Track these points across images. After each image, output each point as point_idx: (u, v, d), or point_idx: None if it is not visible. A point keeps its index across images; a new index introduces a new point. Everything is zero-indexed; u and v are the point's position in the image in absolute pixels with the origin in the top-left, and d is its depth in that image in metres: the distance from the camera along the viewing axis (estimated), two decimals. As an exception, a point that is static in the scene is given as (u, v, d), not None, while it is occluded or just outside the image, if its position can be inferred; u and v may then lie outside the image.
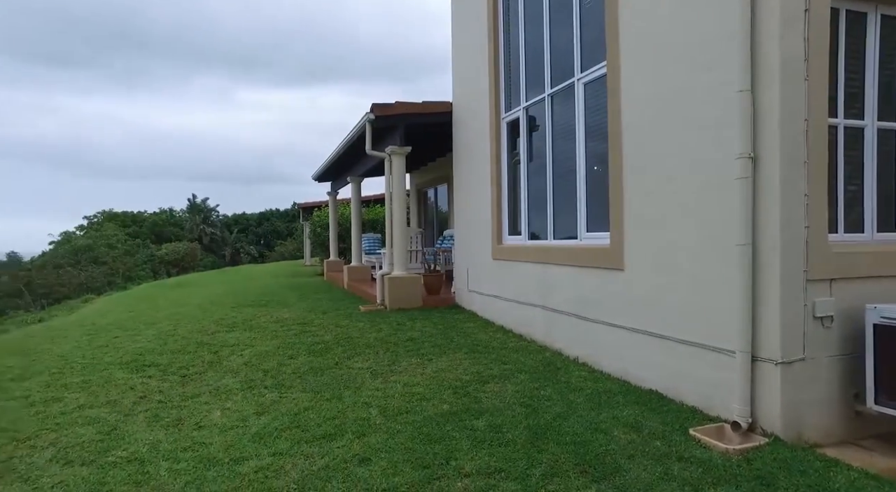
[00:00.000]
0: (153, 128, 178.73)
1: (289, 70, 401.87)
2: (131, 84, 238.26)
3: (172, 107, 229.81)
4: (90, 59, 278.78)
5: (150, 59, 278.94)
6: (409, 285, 8.43)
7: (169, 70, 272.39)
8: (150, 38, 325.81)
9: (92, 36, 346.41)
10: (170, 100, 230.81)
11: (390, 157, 8.61)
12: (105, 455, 3.28)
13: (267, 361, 5.37)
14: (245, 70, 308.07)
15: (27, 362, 5.52)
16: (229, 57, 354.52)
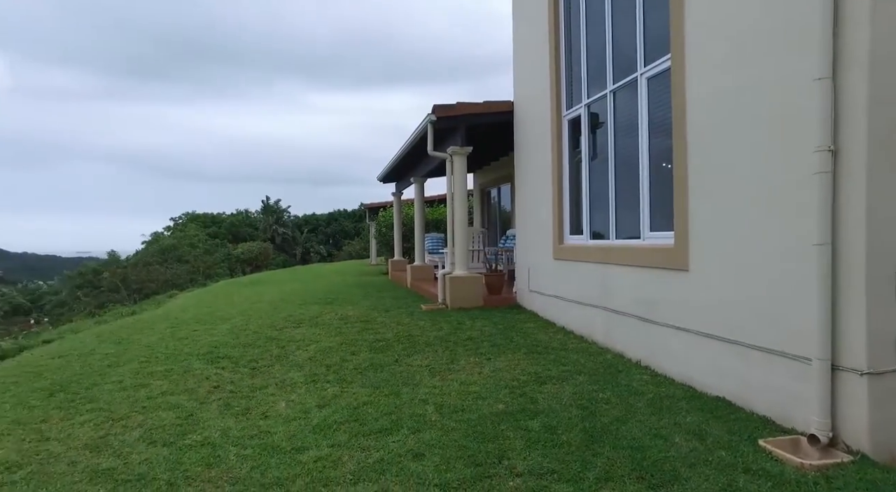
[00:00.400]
0: (233, 134, 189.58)
1: (360, 74, 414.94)
2: (217, 93, 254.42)
3: (251, 113, 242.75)
4: (183, 72, 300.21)
5: (235, 69, 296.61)
6: (469, 285, 8.46)
7: (250, 79, 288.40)
8: (235, 50, 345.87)
9: (186, 50, 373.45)
10: (250, 106, 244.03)
11: (452, 157, 8.68)
12: (182, 438, 3.53)
13: (330, 356, 5.57)
14: (318, 75, 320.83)
15: (121, 351, 6.02)
16: (304, 63, 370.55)
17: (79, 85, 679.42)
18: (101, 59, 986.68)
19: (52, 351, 6.13)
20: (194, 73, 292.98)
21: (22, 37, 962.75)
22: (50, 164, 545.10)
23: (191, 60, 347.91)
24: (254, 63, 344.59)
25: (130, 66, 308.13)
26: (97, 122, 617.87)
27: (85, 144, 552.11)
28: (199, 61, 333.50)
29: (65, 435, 3.62)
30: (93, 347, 6.26)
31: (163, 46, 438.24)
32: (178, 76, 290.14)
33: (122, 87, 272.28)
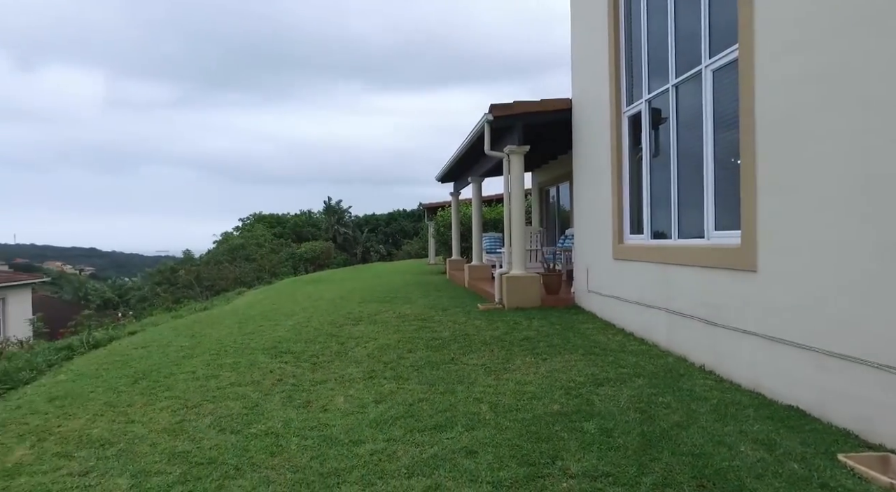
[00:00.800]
0: (297, 137, 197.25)
1: (419, 74, 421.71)
2: (281, 99, 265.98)
3: (314, 116, 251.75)
4: (251, 80, 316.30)
5: (298, 74, 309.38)
6: (527, 285, 8.40)
7: (313, 83, 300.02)
8: (299, 56, 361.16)
9: (254, 59, 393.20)
10: (312, 110, 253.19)
11: (509, 156, 8.64)
12: (249, 427, 3.72)
13: (388, 353, 5.69)
14: (378, 77, 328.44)
15: (194, 344, 6.41)
16: (364, 66, 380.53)
17: (160, 96, 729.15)
18: (180, 71, 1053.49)
19: (136, 342, 6.61)
20: (261, 81, 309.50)
21: (115, 53, 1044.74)
22: (135, 169, 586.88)
23: (258, 68, 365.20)
24: (316, 67, 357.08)
25: (205, 77, 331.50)
26: (176, 129, 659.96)
27: (164, 151, 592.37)
28: (266, 69, 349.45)
29: (147, 419, 3.90)
30: (170, 339, 6.69)
31: (233, 56, 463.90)
32: (246, 84, 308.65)
33: (197, 96, 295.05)
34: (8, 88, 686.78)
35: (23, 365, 5.35)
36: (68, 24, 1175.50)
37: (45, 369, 5.48)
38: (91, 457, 3.30)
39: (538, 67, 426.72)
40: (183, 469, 3.10)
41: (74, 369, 5.38)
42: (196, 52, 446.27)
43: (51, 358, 5.76)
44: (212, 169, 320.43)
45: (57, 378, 5.06)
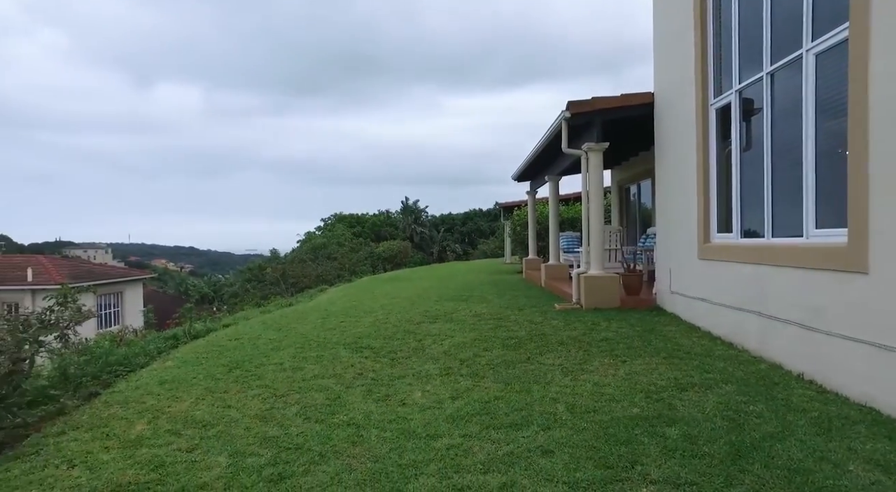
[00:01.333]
0: (375, 139, 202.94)
1: (494, 75, 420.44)
2: (360, 102, 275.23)
3: (391, 118, 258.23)
4: (331, 85, 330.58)
5: (379, 78, 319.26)
6: (605, 285, 8.18)
7: (390, 85, 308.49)
8: (377, 60, 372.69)
9: (334, 65, 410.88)
10: (390, 112, 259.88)
11: (587, 154, 8.45)
12: (332, 417, 3.90)
13: (464, 351, 5.75)
14: (454, 77, 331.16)
15: (281, 337, 6.80)
16: (439, 66, 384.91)
17: (251, 104, 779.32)
18: (268, 80, 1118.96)
19: (230, 334, 7.11)
20: (342, 85, 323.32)
21: (212, 67, 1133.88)
22: (228, 174, 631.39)
23: (339, 73, 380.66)
24: (392, 70, 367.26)
25: (290, 84, 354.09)
26: (265, 135, 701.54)
27: (255, 156, 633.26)
28: (346, 73, 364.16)
29: (241, 405, 4.20)
30: (259, 332, 7.14)
31: (316, 64, 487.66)
32: (328, 89, 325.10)
33: (284, 102, 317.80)
34: (127, 104, 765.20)
35: (139, 351, 5.93)
36: (174, 42, 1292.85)
37: (156, 355, 6.05)
38: (196, 436, 3.61)
39: (619, 61, 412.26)
40: (273, 453, 3.32)
41: (179, 356, 5.89)
42: (283, 62, 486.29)
43: (160, 346, 6.34)
44: (297, 172, 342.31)
45: (165, 364, 5.57)
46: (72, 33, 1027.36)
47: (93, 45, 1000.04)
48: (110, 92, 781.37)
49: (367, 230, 44.78)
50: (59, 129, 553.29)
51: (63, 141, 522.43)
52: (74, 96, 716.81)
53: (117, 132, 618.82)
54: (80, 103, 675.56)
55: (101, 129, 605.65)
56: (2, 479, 3.16)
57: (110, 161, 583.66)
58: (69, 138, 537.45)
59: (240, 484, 2.94)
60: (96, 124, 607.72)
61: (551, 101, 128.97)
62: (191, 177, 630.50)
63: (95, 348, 5.79)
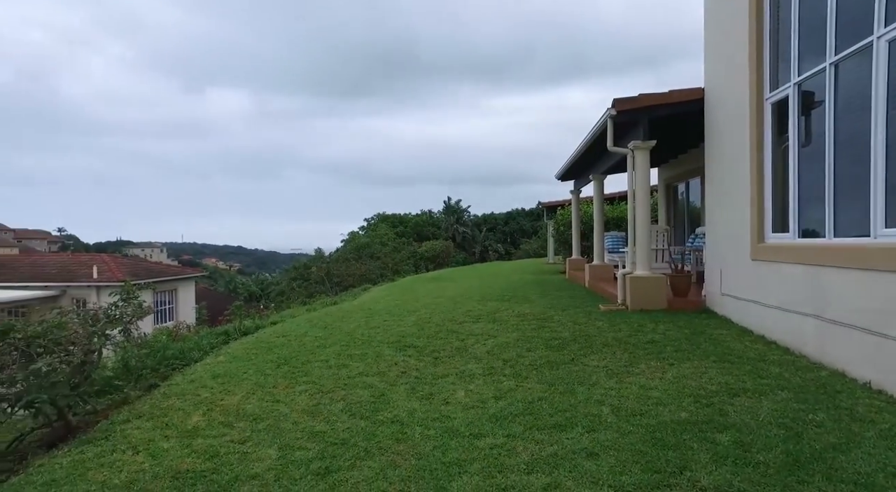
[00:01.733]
0: (417, 139, 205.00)
1: (538, 72, 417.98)
2: (403, 103, 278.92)
3: (433, 119, 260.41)
4: (375, 87, 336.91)
5: (420, 78, 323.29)
6: (652, 286, 7.99)
7: (431, 86, 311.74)
8: (419, 61, 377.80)
9: (377, 67, 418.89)
10: (431, 113, 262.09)
11: (633, 152, 8.27)
12: (376, 414, 3.97)
13: (507, 351, 5.74)
14: (497, 77, 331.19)
15: (327, 335, 6.95)
16: (483, 67, 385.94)
17: (297, 106, 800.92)
18: (313, 83, 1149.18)
19: (278, 331, 7.33)
20: (384, 87, 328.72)
21: (261, 70, 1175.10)
22: (275, 175, 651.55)
23: (382, 75, 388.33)
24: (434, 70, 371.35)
25: (334, 86, 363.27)
26: (309, 137, 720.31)
27: (300, 157, 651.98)
28: (389, 75, 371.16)
29: (289, 400, 4.33)
30: (306, 330, 7.32)
31: (358, 66, 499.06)
32: (371, 91, 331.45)
33: (327, 104, 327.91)
34: (178, 108, 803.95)
35: (193, 346, 6.20)
36: (223, 47, 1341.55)
37: (208, 350, 6.31)
38: (247, 428, 3.74)
39: (664, 57, 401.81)
40: (321, 447, 3.41)
41: (230, 352, 6.12)
42: (327, 65, 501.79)
43: (213, 342, 6.61)
44: (341, 172, 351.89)
45: (217, 359, 5.79)
46: (135, 43, 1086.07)
47: (153, 53, 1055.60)
48: (167, 97, 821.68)
49: (409, 230, 45.21)
50: (120, 134, 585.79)
51: (124, 145, 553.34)
52: (136, 103, 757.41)
53: (173, 136, 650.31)
54: (140, 109, 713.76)
55: (159, 133, 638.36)
56: (78, 461, 3.38)
57: (166, 164, 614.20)
58: (130, 143, 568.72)
59: (289, 476, 3.04)
60: (154, 129, 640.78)
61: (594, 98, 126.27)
62: (240, 178, 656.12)
63: (154, 343, 6.09)
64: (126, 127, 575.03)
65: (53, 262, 25.83)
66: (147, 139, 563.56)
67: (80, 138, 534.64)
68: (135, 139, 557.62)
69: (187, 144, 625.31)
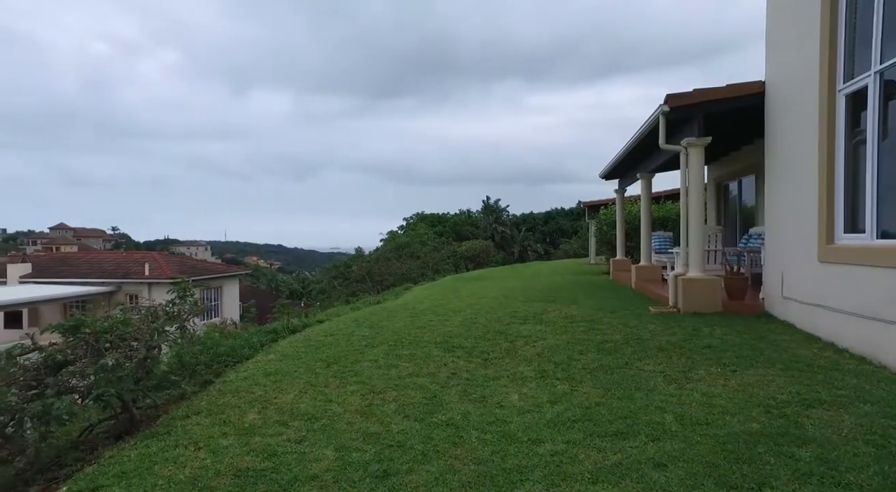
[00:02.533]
0: (455, 138, 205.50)
1: (576, 71, 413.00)
2: (441, 102, 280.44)
3: (471, 118, 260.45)
4: (413, 87, 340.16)
5: (458, 78, 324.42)
6: (706, 288, 7.68)
7: (472, 86, 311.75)
8: (457, 60, 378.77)
9: (416, 67, 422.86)
10: (471, 112, 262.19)
11: (686, 149, 7.98)
12: (430, 416, 3.92)
13: (557, 354, 5.60)
14: (535, 76, 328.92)
15: (374, 334, 6.96)
16: (521, 66, 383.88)
17: (338, 108, 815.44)
18: (354, 84, 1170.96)
19: (325, 330, 7.39)
20: (424, 86, 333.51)
21: (302, 73, 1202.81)
22: (314, 175, 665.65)
23: (421, 75, 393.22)
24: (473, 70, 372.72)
25: (373, 87, 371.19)
26: (349, 138, 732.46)
27: (339, 157, 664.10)
28: (428, 75, 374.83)
29: (342, 400, 4.32)
30: (352, 329, 7.35)
31: (400, 66, 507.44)
32: (410, 91, 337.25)
33: (367, 105, 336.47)
34: (225, 111, 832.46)
35: (243, 343, 6.29)
36: (266, 51, 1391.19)
37: (258, 348, 6.39)
38: (302, 428, 3.75)
39: (709, 52, 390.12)
40: (377, 449, 3.37)
41: (280, 350, 6.19)
42: (367, 66, 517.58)
43: (262, 339, 6.69)
44: (378, 172, 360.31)
45: (268, 357, 5.87)
46: (183, 50, 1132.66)
47: (199, 59, 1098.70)
48: (212, 101, 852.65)
49: (448, 230, 45.23)
50: (168, 137, 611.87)
51: (170, 148, 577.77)
52: (182, 107, 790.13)
53: (217, 138, 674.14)
54: (185, 113, 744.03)
55: (204, 135, 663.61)
56: (144, 454, 3.45)
57: (210, 165, 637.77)
58: (176, 146, 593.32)
59: (348, 478, 3.01)
60: (199, 132, 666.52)
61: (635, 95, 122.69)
62: (280, 178, 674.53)
63: (206, 339, 6.21)
64: (173, 130, 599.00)
65: (109, 259, 27.01)
66: (192, 142, 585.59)
67: (131, 142, 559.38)
68: (181, 142, 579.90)
69: (230, 146, 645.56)
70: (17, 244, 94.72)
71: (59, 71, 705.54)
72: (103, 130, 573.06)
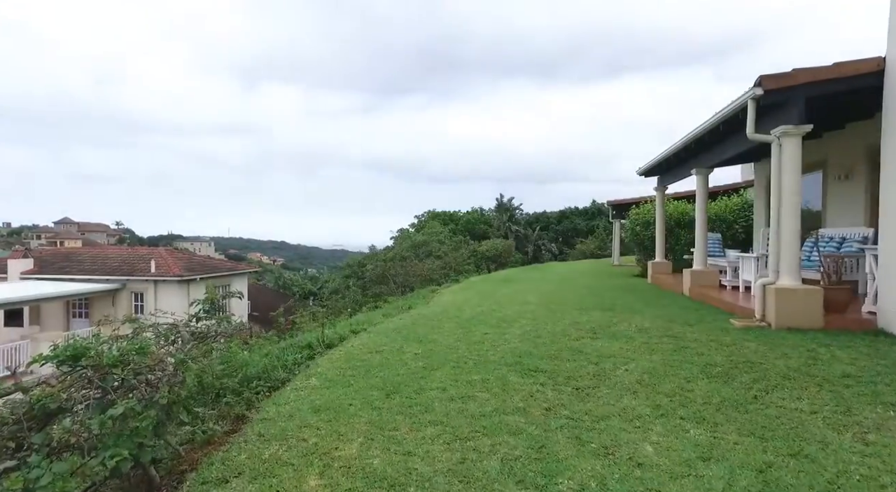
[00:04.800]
0: (467, 136, 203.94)
1: (590, 70, 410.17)
2: (450, 100, 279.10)
3: (480, 117, 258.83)
4: (421, 85, 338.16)
5: (467, 76, 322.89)
6: (805, 300, 6.65)
7: (481, 84, 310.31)
8: (466, 58, 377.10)
9: (423, 65, 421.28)
10: (481, 110, 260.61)
11: (779, 139, 6.93)
12: (553, 481, 2.90)
13: (662, 381, 4.59)
14: (545, 75, 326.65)
15: (427, 351, 5.89)
16: (534, 64, 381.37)
17: (346, 105, 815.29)
18: (362, 81, 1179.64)
19: (366, 345, 6.36)
20: (430, 85, 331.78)
21: (310, 70, 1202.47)
22: (321, 171, 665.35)
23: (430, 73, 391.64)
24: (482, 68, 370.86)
25: (382, 84, 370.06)
26: (357, 135, 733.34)
27: (346, 154, 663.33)
28: (437, 72, 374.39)
29: (423, 451, 3.30)
30: (399, 344, 6.33)
31: (408, 64, 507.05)
32: (419, 88, 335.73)
33: (374, 102, 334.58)
34: (232, 107, 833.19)
35: (275, 363, 5.26)
36: (278, 48, 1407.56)
37: (293, 368, 5.37)
38: (389, 505, 2.73)
39: (725, 48, 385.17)
40: (505, 544, 2.36)
41: (322, 372, 5.14)
42: (376, 63, 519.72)
43: (296, 357, 5.66)
44: (384, 169, 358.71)
45: (309, 381, 4.84)
46: (192, 47, 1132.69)
47: (207, 55, 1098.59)
48: (221, 98, 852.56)
49: (461, 228, 44.06)
50: (172, 133, 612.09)
51: (176, 144, 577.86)
52: (190, 103, 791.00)
53: (224, 134, 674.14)
54: (192, 109, 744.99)
55: (211, 131, 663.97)
56: None
57: (215, 161, 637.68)
58: (181, 141, 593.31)
59: None
60: (206, 128, 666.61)
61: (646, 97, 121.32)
62: (286, 174, 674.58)
63: (230, 357, 5.20)
64: (178, 126, 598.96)
65: (114, 255, 25.97)
66: (199, 137, 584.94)
67: (136, 137, 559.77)
68: (186, 137, 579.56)
69: (237, 142, 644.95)
70: (22, 238, 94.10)
71: (66, 64, 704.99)
72: (109, 124, 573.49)
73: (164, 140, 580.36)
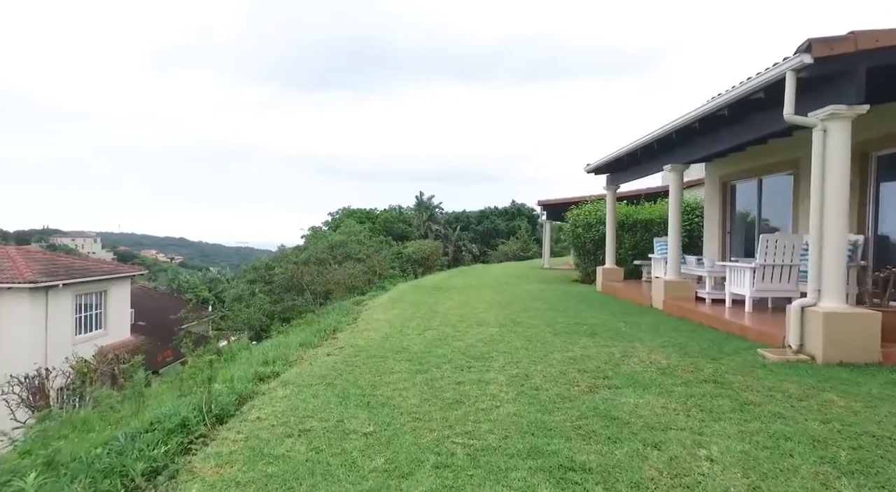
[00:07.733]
0: (388, 134, 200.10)
1: (508, 73, 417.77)
2: (373, 98, 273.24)
3: (401, 115, 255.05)
4: (346, 81, 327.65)
5: (394, 75, 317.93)
6: (860, 327, 5.26)
7: (402, 83, 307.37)
8: (392, 56, 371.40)
9: (351, 60, 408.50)
10: (400, 109, 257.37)
11: (824, 124, 5.50)
12: None
13: (754, 467, 2.78)
14: (471, 76, 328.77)
15: (383, 428, 3.78)
16: (458, 66, 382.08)
17: (265, 98, 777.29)
18: (284, 74, 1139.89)
19: (284, 415, 4.04)
20: (353, 81, 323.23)
21: (230, 58, 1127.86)
22: (232, 166, 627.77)
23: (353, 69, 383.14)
24: (409, 68, 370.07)
25: (303, 78, 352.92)
26: (272, 128, 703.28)
27: (260, 149, 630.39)
28: (360, 69, 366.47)
29: None
30: (335, 412, 4.08)
31: (328, 58, 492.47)
32: (337, 84, 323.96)
33: (294, 97, 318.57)
34: (145, 95, 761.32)
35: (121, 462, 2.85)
36: (195, 33, 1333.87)
37: (152, 472, 3.02)
38: None
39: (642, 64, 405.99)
40: None
41: None
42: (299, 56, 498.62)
43: (150, 460, 3.23)
44: (300, 165, 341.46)
45: None
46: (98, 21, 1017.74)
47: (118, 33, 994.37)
48: (129, 85, 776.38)
49: (378, 226, 41.50)
50: (70, 119, 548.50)
51: (73, 130, 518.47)
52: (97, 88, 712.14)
53: (129, 123, 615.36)
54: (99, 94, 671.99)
55: (114, 119, 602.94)
56: None
57: (115, 150, 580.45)
58: (79, 128, 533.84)
59: None
60: (108, 114, 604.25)
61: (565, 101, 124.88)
62: (194, 168, 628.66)
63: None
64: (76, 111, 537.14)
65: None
66: (98, 124, 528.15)
67: (22, 122, 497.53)
68: (84, 123, 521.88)
69: (143, 132, 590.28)
70: None
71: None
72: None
73: (60, 127, 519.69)
